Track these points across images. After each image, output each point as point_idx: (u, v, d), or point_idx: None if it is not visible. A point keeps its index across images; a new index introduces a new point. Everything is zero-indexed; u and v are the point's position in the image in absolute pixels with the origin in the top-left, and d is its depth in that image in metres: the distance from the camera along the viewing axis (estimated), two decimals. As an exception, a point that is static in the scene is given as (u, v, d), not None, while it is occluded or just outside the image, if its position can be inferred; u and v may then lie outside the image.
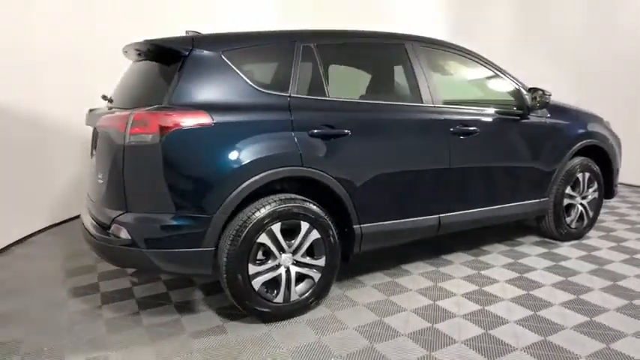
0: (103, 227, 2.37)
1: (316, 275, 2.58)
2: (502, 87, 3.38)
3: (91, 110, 2.74)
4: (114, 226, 2.28)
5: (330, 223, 2.58)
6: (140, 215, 2.26)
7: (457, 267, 3.28)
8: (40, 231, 4.21)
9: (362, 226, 2.70)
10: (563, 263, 3.32)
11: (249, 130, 2.34)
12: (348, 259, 2.77)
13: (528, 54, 6.62)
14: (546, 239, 3.82)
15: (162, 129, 2.17)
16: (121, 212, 2.28)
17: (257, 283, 2.41)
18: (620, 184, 5.94)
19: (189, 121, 2.21)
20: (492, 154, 3.19)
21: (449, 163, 2.94)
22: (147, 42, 2.41)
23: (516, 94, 3.36)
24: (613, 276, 3.07)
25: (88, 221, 2.54)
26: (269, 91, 2.47)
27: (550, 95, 3.26)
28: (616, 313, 2.57)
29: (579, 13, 6.20)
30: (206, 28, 2.95)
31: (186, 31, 2.84)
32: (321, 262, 2.58)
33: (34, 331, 2.48)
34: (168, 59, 2.41)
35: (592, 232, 3.97)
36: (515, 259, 3.41)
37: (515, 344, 2.28)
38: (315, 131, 2.49)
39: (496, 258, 3.44)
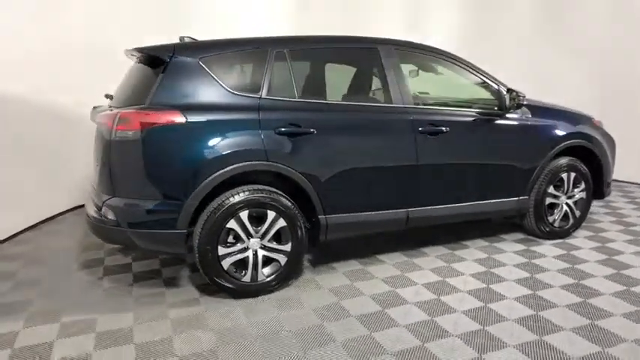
0: (98, 209, 2.76)
1: (282, 259, 2.86)
2: (479, 87, 3.48)
3: (94, 107, 3.14)
4: (104, 208, 2.66)
5: (297, 212, 2.85)
6: (124, 200, 2.62)
7: (430, 259, 3.45)
8: (68, 210, 4.75)
9: (327, 216, 2.95)
10: (536, 261, 3.41)
11: (219, 129, 2.64)
12: (315, 245, 3.04)
13: (547, 54, 6.51)
14: (530, 237, 3.89)
15: (142, 126, 2.51)
16: (110, 197, 2.65)
17: (226, 263, 2.72)
18: (633, 183, 5.82)
19: (165, 119, 2.54)
20: (465, 152, 3.32)
21: (416, 161, 3.11)
22: (135, 49, 2.75)
23: (494, 94, 3.46)
24: (580, 275, 3.14)
25: (89, 205, 2.94)
26: (241, 93, 2.76)
27: (524, 97, 3.34)
28: (566, 309, 2.68)
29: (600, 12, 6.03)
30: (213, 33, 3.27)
31: (180, 37, 3.16)
32: (287, 247, 2.86)
33: (43, 295, 2.92)
34: (155, 64, 2.74)
35: (581, 232, 3.99)
36: (490, 255, 3.53)
37: (453, 331, 2.46)
38: (282, 129, 2.75)
39: (472, 253, 3.57)
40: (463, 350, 2.29)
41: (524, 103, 3.39)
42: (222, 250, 2.70)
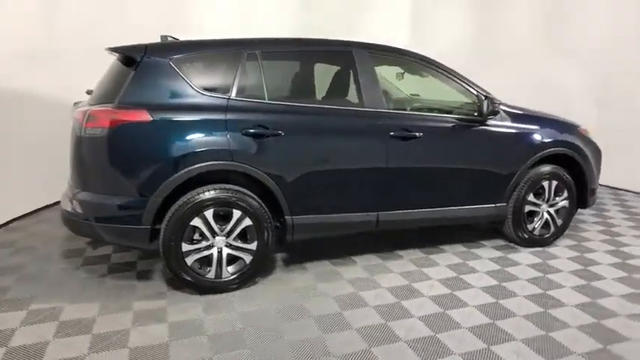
0: (71, 202, 2.87)
1: (248, 258, 2.92)
2: (457, 94, 3.46)
3: (75, 103, 3.24)
4: (74, 201, 2.77)
5: (264, 212, 2.90)
6: (92, 194, 2.72)
7: (403, 262, 3.47)
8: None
9: (294, 217, 2.99)
10: (509, 269, 3.39)
11: (185, 128, 2.71)
12: (283, 245, 3.09)
13: (548, 59, 6.40)
14: (511, 244, 3.86)
15: (109, 124, 2.60)
16: (79, 191, 2.76)
17: (190, 259, 2.80)
18: (631, 192, 5.69)
19: (131, 118, 2.62)
20: (439, 158, 3.32)
21: (386, 165, 3.12)
22: (109, 48, 2.83)
23: (472, 100, 3.43)
24: (549, 285, 3.12)
25: (64, 198, 3.06)
26: (210, 94, 2.81)
27: (499, 104, 3.31)
28: (522, 319, 2.67)
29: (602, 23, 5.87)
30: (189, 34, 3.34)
31: (162, 37, 3.23)
32: (253, 246, 2.92)
33: (20, 281, 3.06)
34: (129, 63, 2.82)
35: (564, 241, 3.94)
36: (465, 260, 3.52)
37: (404, 336, 2.48)
38: (249, 131, 2.80)
39: (446, 258, 3.57)
40: (407, 356, 2.31)
41: (505, 109, 3.36)
42: (186, 247, 2.77)
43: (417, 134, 3.18)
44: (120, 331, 2.50)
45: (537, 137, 3.58)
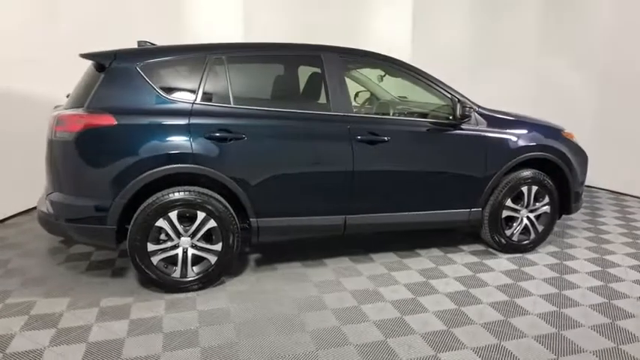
0: (45, 203, 3.00)
1: (213, 258, 2.99)
2: (430, 97, 3.44)
3: (56, 107, 3.38)
4: (46, 201, 2.90)
5: (229, 214, 2.96)
6: (62, 195, 2.84)
7: (373, 265, 3.48)
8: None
9: (258, 220, 3.05)
10: (481, 275, 3.35)
11: (148, 132, 2.80)
12: (250, 246, 3.15)
13: (553, 59, 6.25)
14: (490, 250, 3.81)
15: (75, 128, 2.71)
16: (51, 192, 2.88)
17: (155, 259, 2.89)
18: (632, 196, 5.51)
19: (97, 122, 2.72)
20: (408, 162, 3.31)
21: (352, 170, 3.14)
22: (81, 54, 2.94)
23: (445, 104, 3.41)
24: (518, 293, 3.07)
25: (41, 198, 3.19)
26: (175, 99, 2.90)
27: (470, 108, 3.28)
28: (480, 327, 2.65)
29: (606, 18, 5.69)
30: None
31: (139, 42, 3.33)
32: (218, 247, 2.99)
33: (4, 275, 3.22)
34: (100, 69, 2.93)
35: (546, 247, 3.87)
36: (438, 265, 3.51)
37: (354, 340, 2.50)
38: (211, 135, 2.87)
39: (420, 262, 3.56)
40: (352, 360, 2.34)
41: (482, 113, 3.32)
42: (151, 247, 2.87)
43: (385, 138, 3.19)
44: (83, 326, 2.61)
45: (514, 142, 3.53)
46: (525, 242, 3.72)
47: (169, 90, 2.92)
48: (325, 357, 2.35)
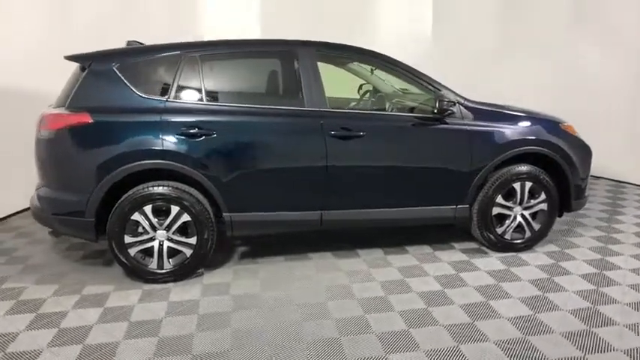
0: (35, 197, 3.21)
1: (188, 251, 3.09)
2: (411, 91, 3.33)
3: (49, 106, 3.59)
4: (36, 194, 3.11)
5: (203, 208, 3.04)
6: (48, 190, 3.03)
7: (356, 261, 3.45)
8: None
9: (231, 214, 3.11)
10: (464, 274, 3.23)
11: (122, 130, 2.92)
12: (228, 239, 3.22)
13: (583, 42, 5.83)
14: (483, 248, 3.66)
15: (55, 126, 2.88)
16: (41, 186, 3.08)
17: (132, 250, 3.03)
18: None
19: (74, 120, 2.87)
20: (385, 158, 3.23)
21: (326, 165, 3.12)
22: (65, 56, 3.10)
23: (427, 98, 3.29)
24: (495, 294, 2.94)
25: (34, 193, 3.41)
26: (149, 97, 3.00)
27: (450, 102, 3.15)
28: (442, 329, 2.57)
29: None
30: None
31: (128, 42, 3.46)
32: (193, 240, 3.08)
33: (7, 263, 3.49)
34: (83, 69, 3.08)
35: (547, 246, 3.66)
36: (421, 263, 3.42)
37: (312, 337, 2.49)
38: (183, 131, 2.95)
39: (405, 259, 3.48)
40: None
41: (469, 106, 3.18)
42: (128, 239, 3.00)
43: (360, 133, 3.13)
44: (60, 312, 2.79)
45: (503, 136, 3.35)
46: (519, 241, 3.54)
47: (144, 89, 3.02)
48: (277, 356, 2.38)
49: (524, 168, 3.41)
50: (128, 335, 2.54)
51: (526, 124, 3.43)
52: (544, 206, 3.51)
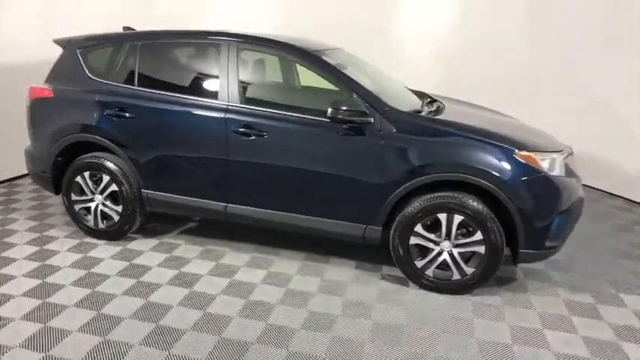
0: None
1: (116, 217, 3.54)
2: (328, 95, 3.02)
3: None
4: (25, 153, 3.88)
5: (124, 180, 3.40)
6: (30, 150, 3.77)
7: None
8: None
9: (147, 192, 3.42)
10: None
11: (71, 105, 3.46)
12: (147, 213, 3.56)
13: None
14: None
15: (31, 97, 3.59)
16: (30, 147, 3.86)
17: (77, 207, 3.61)
18: None
19: (40, 94, 3.53)
20: (285, 161, 3.06)
21: (227, 160, 3.15)
22: (54, 40, 3.73)
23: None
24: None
25: None
26: (95, 79, 3.46)
27: (347, 110, 2.79)
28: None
29: None
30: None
31: (123, 27, 3.95)
32: (119, 208, 3.51)
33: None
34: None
35: (499, 294, 2.97)
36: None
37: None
38: (110, 111, 3.34)
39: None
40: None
41: (398, 117, 2.88)
42: (73, 197, 3.60)
43: (262, 133, 3.04)
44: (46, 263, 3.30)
45: (424, 156, 2.81)
46: (457, 282, 2.93)
47: (94, 71, 3.49)
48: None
49: (452, 198, 2.80)
50: (40, 277, 3.10)
51: (463, 145, 2.78)
52: (479, 248, 2.84)
